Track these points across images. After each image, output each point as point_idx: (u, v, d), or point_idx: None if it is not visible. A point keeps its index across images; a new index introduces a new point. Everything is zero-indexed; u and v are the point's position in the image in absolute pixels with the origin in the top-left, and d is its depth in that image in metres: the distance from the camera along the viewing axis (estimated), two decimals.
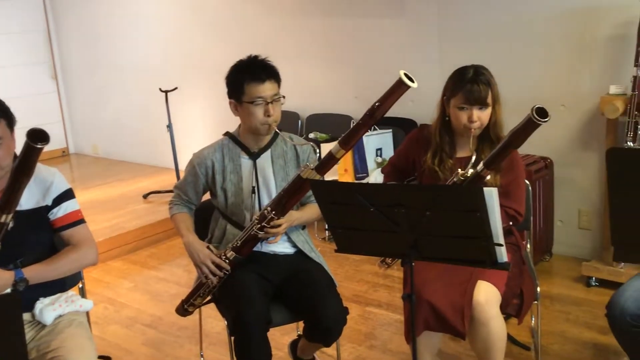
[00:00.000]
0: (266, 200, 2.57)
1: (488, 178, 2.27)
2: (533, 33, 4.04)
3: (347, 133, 2.35)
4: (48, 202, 2.26)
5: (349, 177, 4.40)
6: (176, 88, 5.42)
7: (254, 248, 2.52)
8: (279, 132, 2.57)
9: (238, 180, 2.59)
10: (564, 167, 4.03)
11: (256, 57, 2.54)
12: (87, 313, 2.43)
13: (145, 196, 5.65)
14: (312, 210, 2.60)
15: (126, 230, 4.86)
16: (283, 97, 2.54)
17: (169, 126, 5.37)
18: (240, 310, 2.36)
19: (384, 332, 3.40)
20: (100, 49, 7.00)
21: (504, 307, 2.43)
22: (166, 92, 5.36)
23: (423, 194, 1.92)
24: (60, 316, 2.24)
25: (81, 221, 2.34)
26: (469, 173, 2.25)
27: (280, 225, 2.44)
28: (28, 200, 2.20)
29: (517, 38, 4.10)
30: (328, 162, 2.38)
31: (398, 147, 2.81)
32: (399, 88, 2.24)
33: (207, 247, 2.52)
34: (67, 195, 2.31)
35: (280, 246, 2.62)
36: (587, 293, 3.68)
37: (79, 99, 7.51)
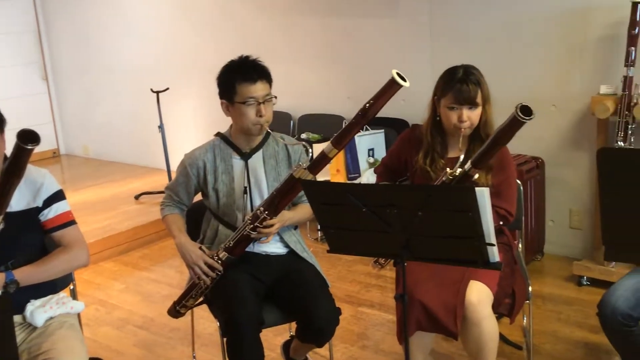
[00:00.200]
0: (258, 200, 2.56)
1: (476, 177, 2.27)
2: (524, 34, 4.05)
3: (340, 132, 2.36)
4: (38, 204, 2.25)
5: (341, 178, 4.40)
6: (167, 88, 5.41)
7: (246, 248, 2.52)
8: (271, 133, 2.57)
9: (230, 180, 2.58)
10: (555, 167, 4.05)
11: (247, 58, 2.54)
12: (78, 315, 2.42)
13: (136, 197, 5.63)
14: (304, 210, 2.60)
15: (118, 231, 4.84)
16: (275, 97, 2.54)
17: (161, 127, 5.35)
18: (232, 311, 2.36)
19: (377, 333, 3.40)
20: (91, 50, 6.97)
21: (496, 307, 2.44)
22: (157, 93, 5.34)
23: (415, 194, 1.92)
24: (51, 318, 2.22)
25: (72, 222, 2.33)
26: (458, 172, 2.26)
27: (272, 225, 2.44)
28: (18, 201, 2.18)
29: (509, 39, 4.11)
30: (320, 162, 2.38)
31: (390, 148, 2.81)
32: (392, 87, 2.24)
33: (200, 248, 2.51)
34: (58, 196, 2.30)
35: (272, 246, 2.62)
36: (579, 292, 3.69)
37: (70, 100, 7.48)
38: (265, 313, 2.46)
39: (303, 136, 4.87)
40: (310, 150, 4.42)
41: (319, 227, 2.12)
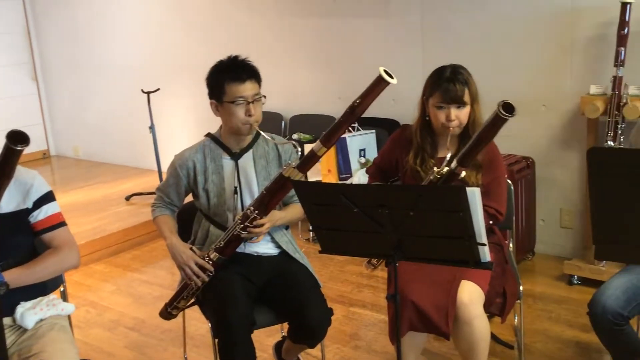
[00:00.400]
0: (248, 200, 2.56)
1: (463, 175, 2.27)
2: (514, 34, 4.07)
3: (329, 130, 2.36)
4: (28, 205, 2.23)
5: (333, 178, 4.40)
6: (158, 89, 5.39)
7: (238, 249, 2.52)
8: (261, 132, 2.57)
9: (220, 180, 2.57)
10: (546, 167, 4.07)
11: (236, 57, 2.54)
12: (69, 317, 2.40)
13: (127, 198, 5.61)
14: (295, 210, 2.60)
15: (108, 232, 4.82)
16: (264, 97, 2.53)
17: (152, 127, 5.33)
18: (224, 312, 2.35)
19: (369, 333, 3.40)
20: (81, 50, 6.94)
21: (488, 307, 2.44)
22: (148, 94, 5.32)
23: (406, 195, 1.92)
24: (41, 320, 2.21)
25: (62, 224, 2.32)
26: (445, 171, 2.26)
27: (263, 224, 2.44)
28: (8, 203, 2.17)
29: (499, 39, 4.13)
30: (310, 160, 2.38)
31: (382, 148, 2.81)
32: (379, 85, 2.25)
33: (190, 249, 2.51)
34: (48, 197, 2.29)
35: (263, 247, 2.62)
36: (569, 291, 3.70)
37: (60, 101, 7.45)
38: (256, 314, 2.46)
39: (294, 137, 4.87)
40: (299, 149, 4.41)
41: (311, 228, 2.12)
